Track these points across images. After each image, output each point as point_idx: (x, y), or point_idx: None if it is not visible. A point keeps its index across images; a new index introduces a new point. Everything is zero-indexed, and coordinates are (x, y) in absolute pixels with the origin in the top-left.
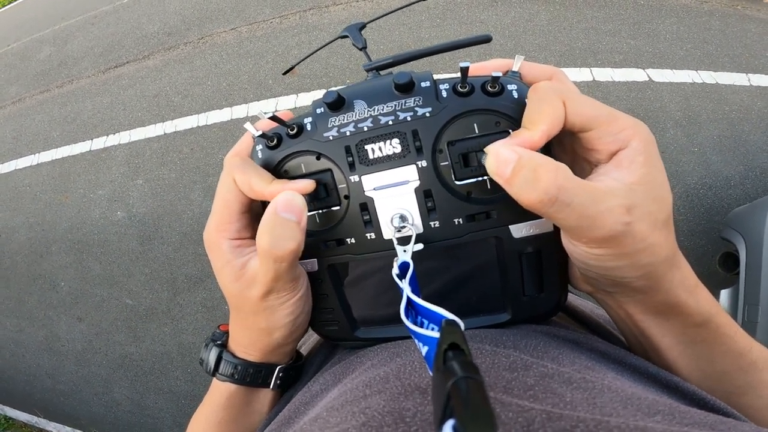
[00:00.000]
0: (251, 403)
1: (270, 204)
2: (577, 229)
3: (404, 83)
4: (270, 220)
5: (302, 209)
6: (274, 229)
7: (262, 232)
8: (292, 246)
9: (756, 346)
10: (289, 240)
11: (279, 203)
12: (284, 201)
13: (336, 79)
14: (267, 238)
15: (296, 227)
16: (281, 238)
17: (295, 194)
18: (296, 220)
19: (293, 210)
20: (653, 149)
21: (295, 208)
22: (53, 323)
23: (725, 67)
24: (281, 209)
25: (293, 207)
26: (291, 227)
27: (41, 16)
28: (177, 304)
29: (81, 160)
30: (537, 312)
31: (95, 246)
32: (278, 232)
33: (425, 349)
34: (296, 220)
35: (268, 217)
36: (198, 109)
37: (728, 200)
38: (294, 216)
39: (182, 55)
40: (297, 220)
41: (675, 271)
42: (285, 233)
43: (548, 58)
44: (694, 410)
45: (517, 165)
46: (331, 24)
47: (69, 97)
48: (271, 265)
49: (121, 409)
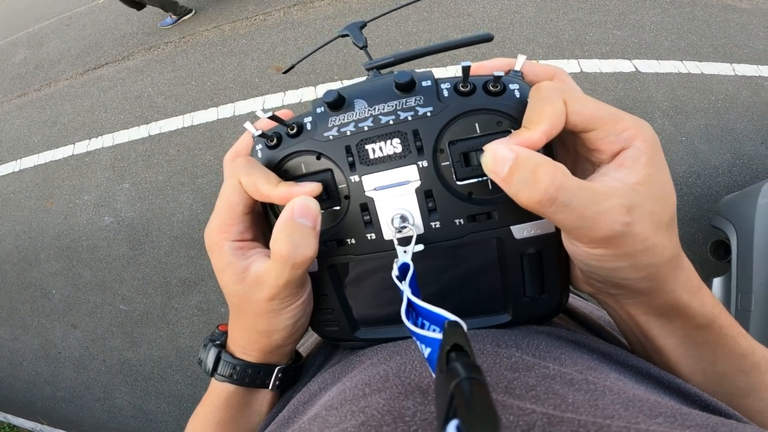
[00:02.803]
0: (250, 403)
1: (285, 208)
2: (577, 229)
3: (405, 82)
4: (287, 226)
5: (317, 214)
6: (290, 235)
7: (280, 238)
8: (310, 253)
9: (759, 347)
10: (307, 247)
11: (295, 208)
12: (300, 206)
13: (324, 75)
14: (286, 245)
15: (312, 233)
16: (300, 245)
17: (310, 199)
18: (311, 226)
19: (309, 216)
20: (657, 150)
21: (311, 213)
22: (48, 331)
23: (710, 57)
24: (298, 214)
25: (309, 212)
26: (308, 233)
27: (13, 18)
28: (172, 308)
29: (64, 165)
30: (538, 313)
31: (84, 252)
32: (296, 238)
33: (427, 350)
34: (311, 226)
35: (285, 223)
36: (183, 110)
37: (717, 188)
38: (310, 222)
39: (164, 54)
40: (312, 226)
41: (678, 272)
42: (303, 240)
43: (536, 50)
44: (696, 412)
45: (515, 164)
46: (317, 20)
47: (48, 100)
48: (287, 271)
49: (124, 414)
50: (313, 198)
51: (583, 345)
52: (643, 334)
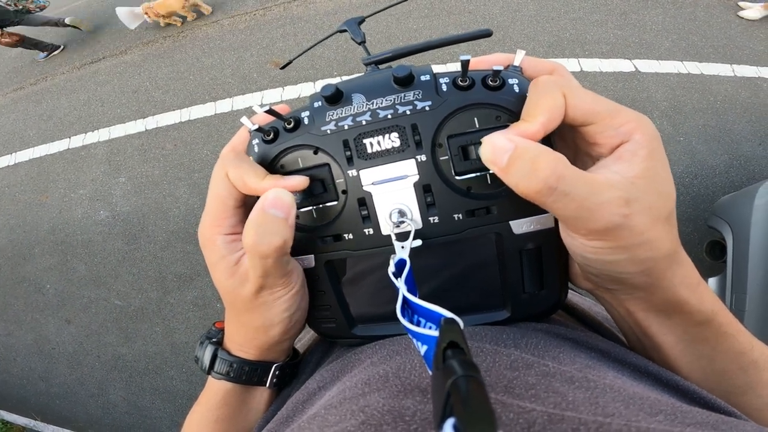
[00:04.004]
0: (247, 401)
1: (258, 200)
2: (575, 219)
3: (404, 77)
4: (256, 217)
5: (290, 206)
6: (259, 225)
7: (248, 228)
8: (277, 242)
9: (757, 345)
10: (274, 236)
11: (267, 200)
12: (272, 198)
13: (323, 71)
14: (251, 235)
15: (283, 223)
16: (266, 234)
17: (284, 191)
18: (283, 217)
19: (281, 207)
20: (657, 144)
21: (283, 205)
22: (41, 326)
23: (710, 58)
24: (268, 206)
25: (281, 204)
26: (277, 223)
27: None
28: (167, 303)
29: (60, 159)
30: (537, 309)
31: (79, 247)
32: (263, 228)
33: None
34: (283, 217)
35: (255, 214)
36: (180, 105)
37: (714, 188)
38: (281, 213)
39: (162, 49)
40: (284, 217)
41: (676, 268)
42: (270, 229)
43: (536, 48)
44: (696, 409)
45: (514, 154)
46: (317, 15)
47: (44, 94)
48: (258, 261)
49: (118, 410)
50: (304, 192)
51: (581, 343)
52: (641, 330)
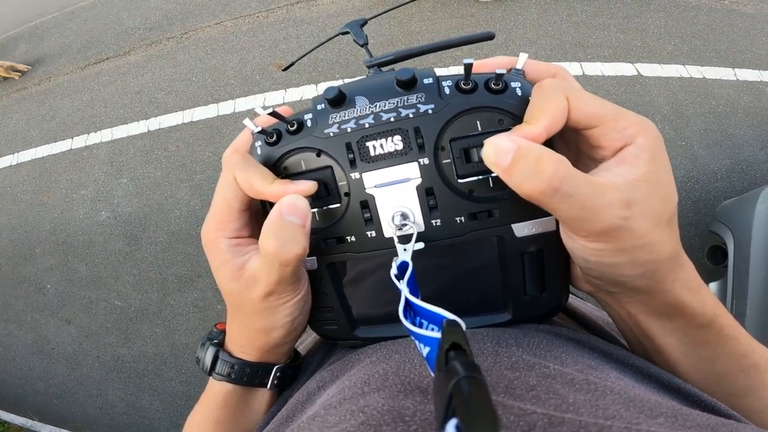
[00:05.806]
0: (248, 402)
1: (275, 207)
2: (577, 221)
3: (407, 80)
4: (275, 223)
5: (307, 212)
6: (280, 232)
7: (268, 235)
8: (299, 250)
9: (758, 348)
10: (294, 243)
11: (283, 206)
12: (289, 204)
13: (325, 73)
14: (273, 243)
15: (301, 231)
16: (287, 242)
17: (299, 197)
18: (301, 224)
19: (298, 213)
20: (660, 147)
21: (300, 212)
22: (41, 326)
23: (712, 62)
24: (286, 212)
25: (298, 210)
26: (296, 231)
27: (15, 12)
28: (168, 304)
29: (62, 159)
30: (538, 312)
31: (80, 247)
32: (284, 236)
33: (426, 350)
34: (301, 224)
35: (274, 221)
36: (183, 106)
37: (715, 193)
38: (299, 219)
39: (165, 50)
40: (302, 224)
41: (678, 271)
42: (291, 237)
43: (538, 52)
44: (697, 412)
45: (517, 154)
46: (320, 18)
47: (47, 94)
48: (276, 269)
49: (116, 411)
50: (310, 196)
51: (583, 343)
52: (642, 333)
